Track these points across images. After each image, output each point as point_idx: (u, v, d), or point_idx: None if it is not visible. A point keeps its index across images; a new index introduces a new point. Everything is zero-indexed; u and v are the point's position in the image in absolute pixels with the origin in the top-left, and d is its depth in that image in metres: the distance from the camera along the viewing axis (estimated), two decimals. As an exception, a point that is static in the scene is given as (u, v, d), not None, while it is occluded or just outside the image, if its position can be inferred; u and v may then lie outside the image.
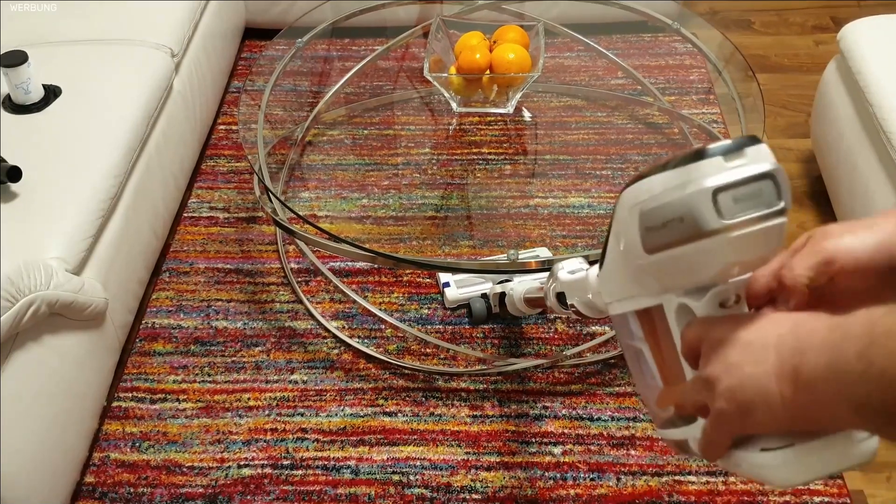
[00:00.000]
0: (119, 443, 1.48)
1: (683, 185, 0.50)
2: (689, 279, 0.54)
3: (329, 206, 1.89)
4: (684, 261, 0.52)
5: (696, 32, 1.91)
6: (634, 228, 0.53)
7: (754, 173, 0.50)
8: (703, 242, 0.50)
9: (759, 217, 0.50)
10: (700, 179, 0.49)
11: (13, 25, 1.83)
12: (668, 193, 0.51)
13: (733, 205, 0.49)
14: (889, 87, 1.58)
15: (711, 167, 0.50)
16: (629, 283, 0.58)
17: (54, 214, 1.40)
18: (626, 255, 0.56)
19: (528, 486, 1.40)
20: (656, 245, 0.53)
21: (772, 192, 0.50)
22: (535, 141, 2.06)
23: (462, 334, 1.64)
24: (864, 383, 0.43)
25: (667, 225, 0.51)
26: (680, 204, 0.50)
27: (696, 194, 0.49)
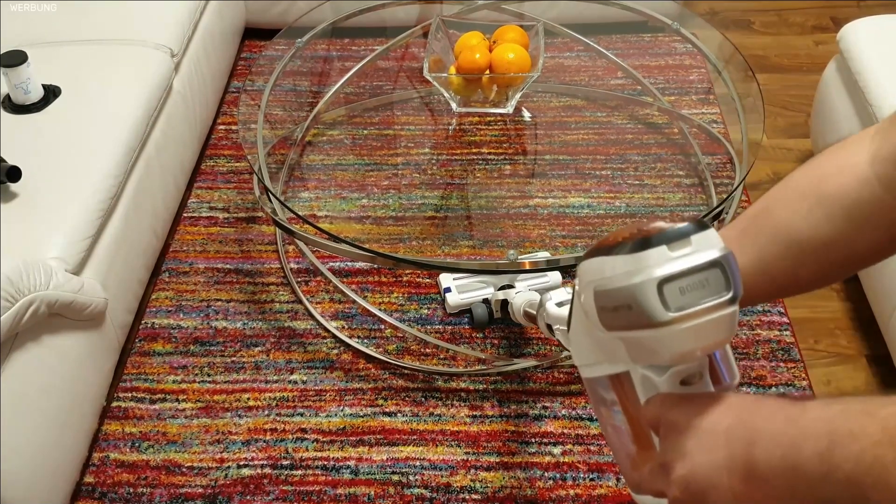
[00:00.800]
0: (119, 443, 1.48)
1: (630, 274, 0.49)
2: (648, 359, 0.54)
3: (329, 206, 1.89)
4: (640, 343, 0.52)
5: (696, 32, 1.91)
6: (591, 304, 0.53)
7: (700, 263, 0.49)
8: (653, 332, 0.49)
9: (706, 309, 0.49)
10: (646, 270, 0.48)
11: (13, 25, 1.83)
12: (618, 279, 0.50)
13: (679, 296, 0.48)
14: (889, 87, 1.58)
15: (657, 257, 0.49)
16: (595, 351, 0.58)
17: (54, 214, 1.40)
18: (588, 326, 0.56)
19: (528, 486, 1.40)
20: (612, 325, 0.52)
21: (719, 280, 0.49)
22: (534, 141, 2.06)
23: (462, 334, 1.64)
24: (829, 485, 0.42)
25: (618, 310, 0.51)
26: (628, 292, 0.49)
27: (642, 285, 0.48)
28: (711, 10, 2.67)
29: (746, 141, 1.63)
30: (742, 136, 1.65)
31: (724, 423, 0.49)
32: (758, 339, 1.61)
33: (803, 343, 1.62)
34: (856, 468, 0.41)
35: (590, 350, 0.60)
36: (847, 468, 0.42)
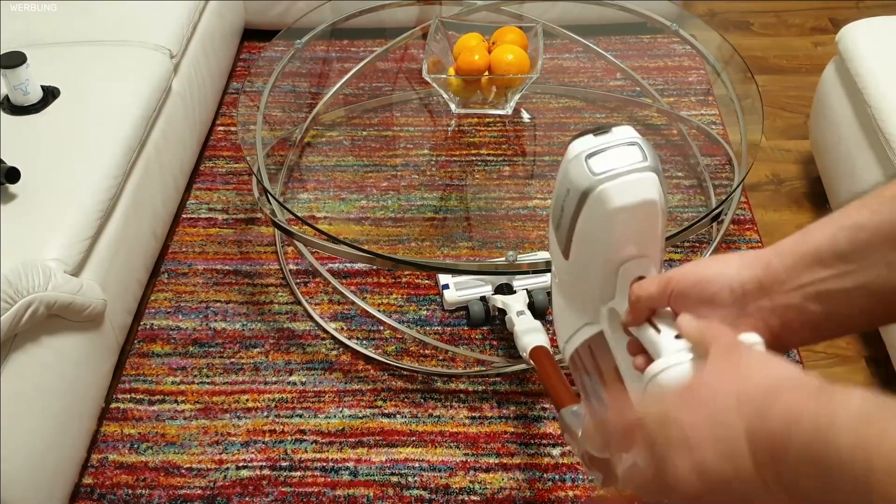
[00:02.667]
0: (117, 444, 1.48)
1: (565, 162, 0.57)
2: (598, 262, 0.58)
3: (328, 207, 1.89)
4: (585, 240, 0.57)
5: (695, 34, 1.91)
6: (553, 238, 0.59)
7: (620, 140, 0.55)
8: (588, 205, 0.55)
9: (626, 168, 0.54)
10: (575, 153, 0.56)
11: (12, 26, 1.83)
12: (559, 181, 0.57)
13: (603, 163, 0.54)
14: (888, 88, 1.58)
15: (583, 142, 0.56)
16: (569, 312, 0.63)
17: (53, 215, 1.40)
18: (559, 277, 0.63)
19: (527, 487, 1.40)
20: (565, 239, 0.58)
21: (638, 153, 0.55)
22: (533, 142, 2.06)
23: (461, 336, 1.64)
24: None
25: (563, 208, 0.57)
26: (564, 180, 0.56)
27: (573, 163, 0.55)
28: (710, 11, 2.67)
29: (745, 142, 1.63)
30: (741, 138, 1.65)
31: (731, 393, 0.44)
32: (757, 341, 1.61)
33: (802, 344, 1.62)
34: None
35: (565, 317, 0.64)
36: None
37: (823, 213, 1.41)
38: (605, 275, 0.59)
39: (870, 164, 1.61)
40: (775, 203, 1.95)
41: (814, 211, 1.92)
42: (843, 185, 1.73)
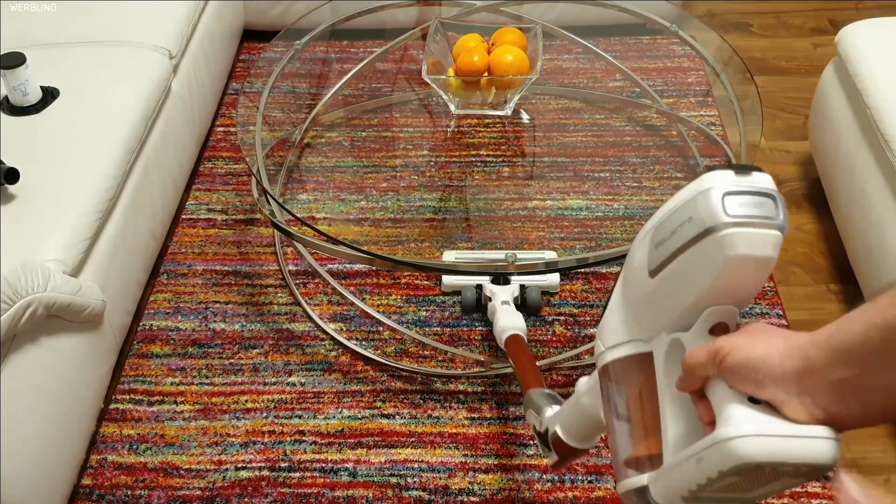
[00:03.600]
0: (116, 445, 1.47)
1: (696, 190, 0.54)
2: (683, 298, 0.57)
3: (327, 208, 1.89)
4: (683, 272, 0.56)
5: (695, 35, 1.91)
6: (644, 252, 0.58)
7: (760, 188, 0.54)
8: (704, 242, 0.53)
9: (760, 220, 0.53)
10: (711, 186, 0.54)
11: (11, 27, 1.83)
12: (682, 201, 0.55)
13: (738, 207, 0.53)
14: (887, 89, 1.58)
15: (722, 177, 0.54)
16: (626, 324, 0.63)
17: (52, 216, 1.40)
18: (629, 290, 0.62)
19: (526, 488, 1.40)
20: (662, 259, 0.57)
21: (773, 208, 0.53)
22: (533, 143, 2.06)
23: (460, 336, 1.64)
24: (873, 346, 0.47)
25: (676, 231, 0.55)
26: (692, 204, 0.54)
27: (707, 195, 0.53)
28: (710, 12, 2.68)
29: (745, 143, 1.63)
30: (740, 139, 1.65)
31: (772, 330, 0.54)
32: (756, 342, 1.61)
33: (801, 345, 1.62)
34: None
35: (619, 329, 0.63)
36: None
37: (822, 215, 1.42)
38: (688, 310, 0.57)
39: (869, 165, 1.61)
40: (775, 204, 1.95)
41: (813, 212, 1.91)
42: (842, 187, 1.73)
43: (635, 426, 0.61)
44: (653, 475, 0.58)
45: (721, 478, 0.50)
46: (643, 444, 0.60)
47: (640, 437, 0.60)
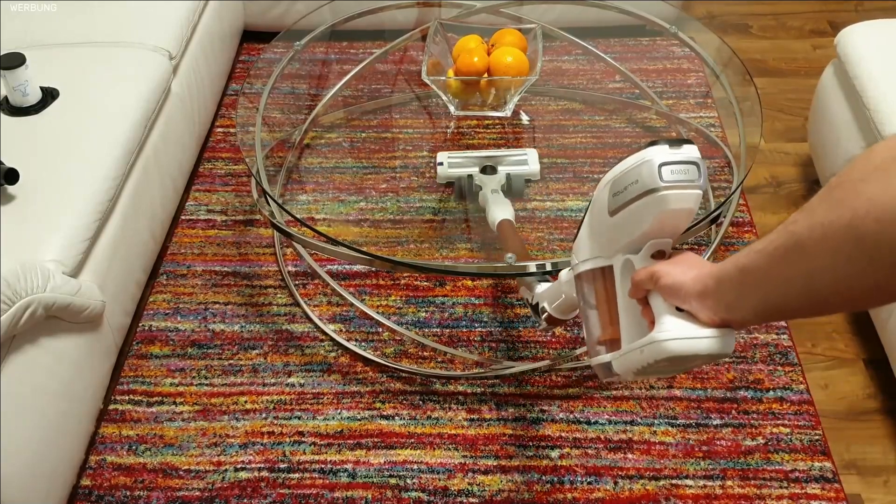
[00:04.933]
0: (115, 446, 1.47)
1: (641, 160, 0.75)
2: (633, 231, 0.79)
3: (327, 208, 1.89)
4: (632, 216, 0.77)
5: (694, 36, 1.91)
6: (605, 197, 0.80)
7: (687, 158, 0.75)
8: (646, 198, 0.75)
9: (685, 183, 0.75)
10: (651, 157, 0.75)
11: (11, 27, 1.83)
12: (632, 166, 0.76)
13: (670, 174, 0.74)
14: (886, 90, 1.58)
15: (660, 150, 0.75)
16: (594, 246, 0.87)
17: (51, 217, 1.40)
18: (594, 224, 0.85)
19: (526, 489, 1.40)
20: (617, 205, 0.78)
21: (696, 173, 0.75)
22: (532, 144, 2.06)
23: (459, 338, 1.64)
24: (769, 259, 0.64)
25: (627, 188, 0.77)
26: (637, 171, 0.75)
27: (649, 164, 0.75)
28: (709, 13, 2.68)
29: (744, 144, 1.63)
30: (740, 140, 1.66)
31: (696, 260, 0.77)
32: (755, 343, 1.61)
33: (801, 346, 1.62)
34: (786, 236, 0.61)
35: (589, 247, 0.87)
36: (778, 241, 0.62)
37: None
38: (636, 240, 0.80)
39: (868, 166, 1.61)
40: (774, 205, 1.95)
41: (812, 213, 1.91)
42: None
43: (601, 316, 0.86)
44: (614, 354, 0.82)
45: (656, 363, 0.75)
46: (608, 330, 0.85)
47: (606, 325, 0.86)
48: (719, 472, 1.41)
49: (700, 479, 1.40)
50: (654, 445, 1.45)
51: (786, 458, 1.43)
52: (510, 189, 1.66)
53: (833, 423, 1.50)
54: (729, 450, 1.44)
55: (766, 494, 1.38)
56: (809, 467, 1.41)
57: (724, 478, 1.40)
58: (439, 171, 1.74)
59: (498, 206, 1.55)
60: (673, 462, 1.43)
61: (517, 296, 1.70)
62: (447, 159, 1.76)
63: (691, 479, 1.40)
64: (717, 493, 1.38)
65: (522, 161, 1.76)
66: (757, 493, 1.38)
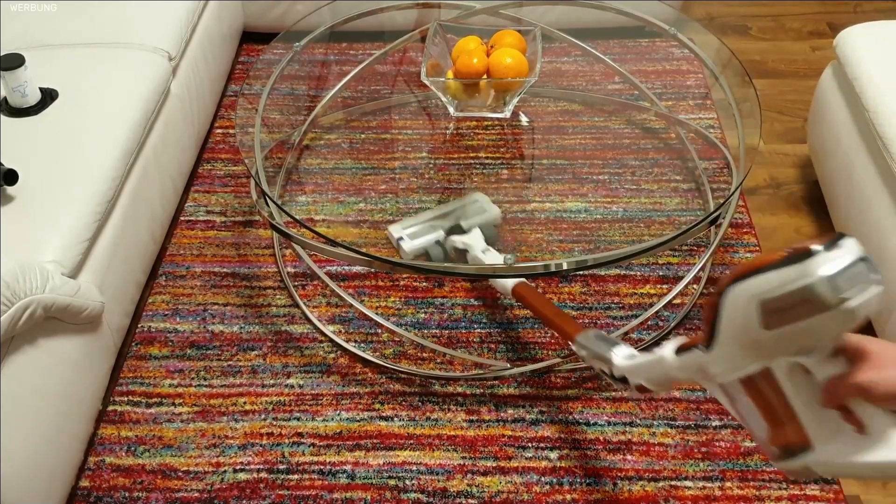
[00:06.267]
0: (114, 447, 1.47)
1: (803, 276, 0.64)
2: (805, 344, 0.68)
3: (326, 209, 1.89)
4: (805, 331, 0.66)
5: (694, 38, 1.92)
6: (752, 314, 0.67)
7: (853, 259, 0.64)
8: (827, 314, 0.64)
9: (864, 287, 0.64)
10: (816, 270, 0.63)
11: (10, 28, 1.83)
12: (791, 284, 0.64)
13: (846, 283, 0.63)
14: (885, 92, 1.58)
15: (823, 260, 0.63)
16: (740, 357, 0.72)
17: (51, 217, 1.40)
18: (739, 336, 0.71)
19: (525, 490, 1.40)
20: (778, 323, 0.66)
21: (870, 269, 0.64)
22: (532, 145, 2.06)
23: (459, 339, 1.64)
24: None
25: (792, 307, 0.65)
26: (804, 291, 0.64)
27: (819, 281, 0.63)
28: (709, 15, 2.68)
29: (744, 146, 1.63)
30: (739, 141, 1.66)
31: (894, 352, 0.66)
32: (755, 344, 1.61)
33: (800, 348, 1.62)
34: None
35: (733, 359, 0.73)
36: None
37: (821, 217, 1.42)
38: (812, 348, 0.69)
39: (867, 167, 1.61)
40: (773, 207, 1.95)
41: (812, 215, 1.92)
42: (840, 189, 1.73)
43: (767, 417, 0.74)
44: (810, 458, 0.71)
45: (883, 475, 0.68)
46: (780, 431, 0.73)
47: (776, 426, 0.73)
48: (718, 473, 1.41)
49: (699, 481, 1.40)
50: (653, 447, 1.45)
51: (785, 459, 1.43)
52: (486, 241, 1.57)
53: (832, 425, 1.50)
54: (728, 451, 1.45)
55: (765, 496, 1.38)
56: (808, 468, 1.41)
57: (723, 479, 1.40)
58: (403, 246, 1.67)
59: None
60: (672, 463, 1.43)
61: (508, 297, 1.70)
62: (404, 232, 1.69)
63: (690, 480, 1.40)
64: (716, 495, 1.38)
65: (480, 209, 1.72)
66: (756, 495, 1.38)
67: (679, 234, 1.40)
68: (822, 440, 0.70)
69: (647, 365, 0.94)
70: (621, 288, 1.73)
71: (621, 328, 1.64)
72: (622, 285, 1.73)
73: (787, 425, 0.72)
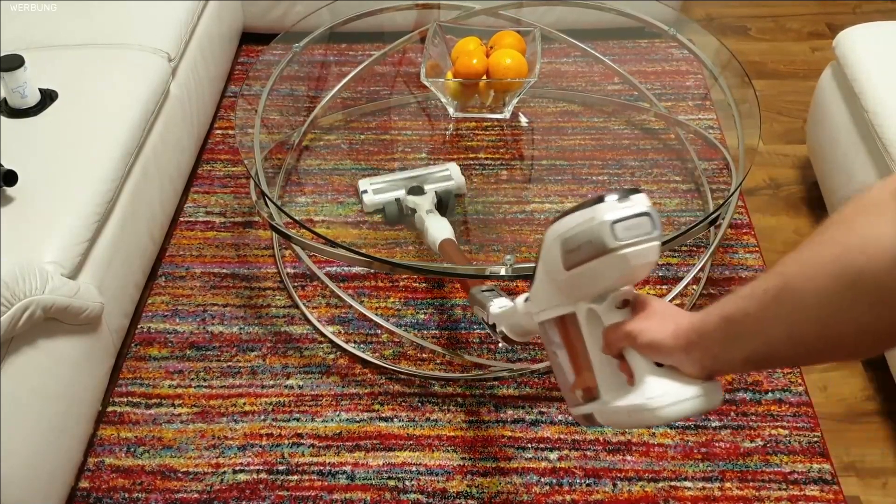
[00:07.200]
0: (114, 448, 1.47)
1: (592, 219, 0.71)
2: (593, 288, 0.76)
3: (325, 210, 1.89)
4: (591, 273, 0.73)
5: (693, 38, 1.92)
6: (557, 252, 0.75)
7: (637, 211, 0.70)
8: (604, 258, 0.70)
9: (642, 237, 0.70)
10: (602, 217, 0.70)
11: (10, 29, 1.83)
12: (582, 225, 0.72)
13: (624, 231, 0.70)
14: (884, 93, 1.59)
15: (609, 207, 0.70)
16: (552, 296, 0.81)
17: (50, 218, 1.40)
18: (550, 274, 0.78)
19: (525, 491, 1.40)
20: (572, 263, 0.73)
21: (650, 224, 0.71)
22: (531, 146, 2.06)
23: (458, 339, 1.64)
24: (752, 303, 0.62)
25: (580, 247, 0.72)
26: (589, 231, 0.71)
27: (601, 224, 0.70)
28: (708, 16, 2.68)
29: (743, 146, 1.63)
30: (738, 142, 1.66)
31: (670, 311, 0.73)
32: (754, 345, 1.61)
33: (799, 349, 1.62)
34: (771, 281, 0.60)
35: (547, 297, 0.82)
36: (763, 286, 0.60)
37: (820, 218, 1.43)
38: (598, 292, 0.76)
39: (867, 168, 1.61)
40: (773, 207, 1.95)
41: (811, 216, 1.92)
42: (840, 190, 1.73)
43: (572, 362, 0.82)
44: (595, 406, 0.78)
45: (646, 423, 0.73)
46: (582, 377, 0.80)
47: (578, 371, 0.81)
48: (718, 473, 1.41)
49: (699, 481, 1.40)
50: (652, 447, 1.45)
51: (785, 459, 1.43)
52: (441, 207, 1.64)
53: (832, 425, 1.50)
54: (728, 451, 1.45)
55: (764, 496, 1.38)
56: (808, 469, 1.41)
57: (722, 479, 1.40)
58: (365, 199, 1.72)
59: (436, 224, 1.53)
60: (672, 464, 1.43)
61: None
62: (370, 186, 1.73)
63: (690, 480, 1.40)
64: (715, 495, 1.38)
65: (446, 177, 1.74)
66: (756, 495, 1.38)
67: (678, 235, 1.40)
68: (606, 389, 0.77)
69: (507, 311, 1.05)
70: (621, 288, 1.73)
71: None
72: (622, 286, 1.73)
73: (585, 371, 0.80)
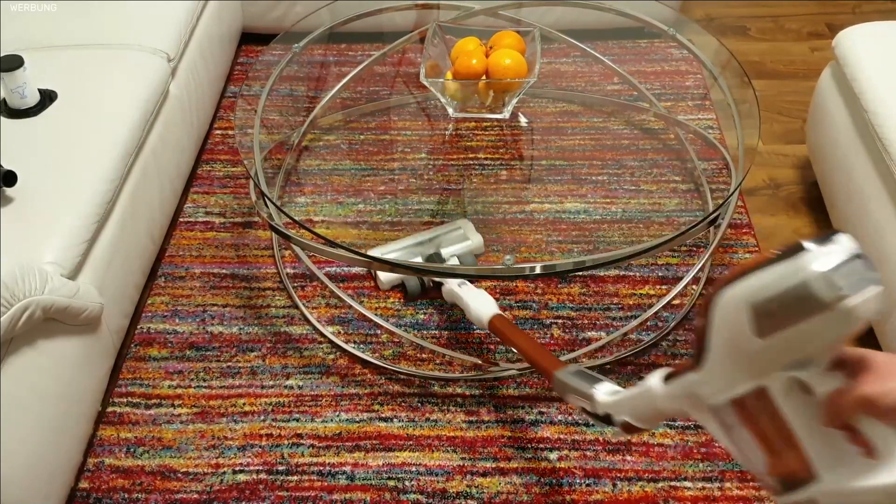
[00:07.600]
0: (114, 448, 1.47)
1: (795, 273, 0.59)
2: (799, 354, 0.63)
3: (325, 210, 1.89)
4: (799, 337, 0.60)
5: (693, 38, 1.92)
6: (744, 319, 0.62)
7: (850, 255, 0.59)
8: (820, 316, 0.58)
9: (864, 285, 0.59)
10: (809, 265, 0.58)
11: (9, 29, 1.83)
12: (781, 282, 0.59)
13: (842, 280, 0.58)
14: (884, 93, 1.59)
15: (816, 255, 0.59)
16: (734, 372, 0.66)
17: (50, 219, 1.40)
18: (734, 347, 0.64)
19: (524, 491, 1.40)
20: (771, 329, 0.61)
21: (868, 266, 0.60)
22: (531, 146, 2.06)
23: (458, 340, 1.64)
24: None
25: (782, 309, 0.60)
26: (796, 288, 0.59)
27: (811, 277, 0.58)
28: (708, 16, 2.68)
29: (742, 147, 1.64)
30: (738, 142, 1.66)
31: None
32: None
33: (799, 349, 1.62)
34: None
35: (728, 375, 0.67)
36: None
37: (820, 218, 1.42)
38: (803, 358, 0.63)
39: (867, 168, 1.61)
40: (772, 207, 1.95)
41: (810, 216, 1.92)
42: (839, 190, 1.73)
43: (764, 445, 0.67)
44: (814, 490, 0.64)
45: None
46: (779, 460, 0.66)
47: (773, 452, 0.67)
48: (718, 474, 1.41)
49: (699, 482, 1.40)
50: (652, 447, 1.45)
51: (784, 460, 1.43)
52: None
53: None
54: (727, 452, 1.44)
55: (764, 496, 1.38)
56: (808, 469, 1.41)
57: (722, 480, 1.40)
58: (381, 276, 1.67)
59: (478, 299, 1.41)
60: (671, 464, 1.43)
61: (515, 297, 1.71)
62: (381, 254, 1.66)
63: (690, 481, 1.40)
64: (715, 496, 1.38)
65: (461, 237, 1.69)
66: (755, 496, 1.38)
67: (678, 235, 1.40)
68: (827, 467, 0.64)
69: (632, 398, 0.87)
70: (620, 289, 1.73)
71: (620, 329, 1.64)
72: (621, 286, 1.73)
73: (787, 452, 0.66)
